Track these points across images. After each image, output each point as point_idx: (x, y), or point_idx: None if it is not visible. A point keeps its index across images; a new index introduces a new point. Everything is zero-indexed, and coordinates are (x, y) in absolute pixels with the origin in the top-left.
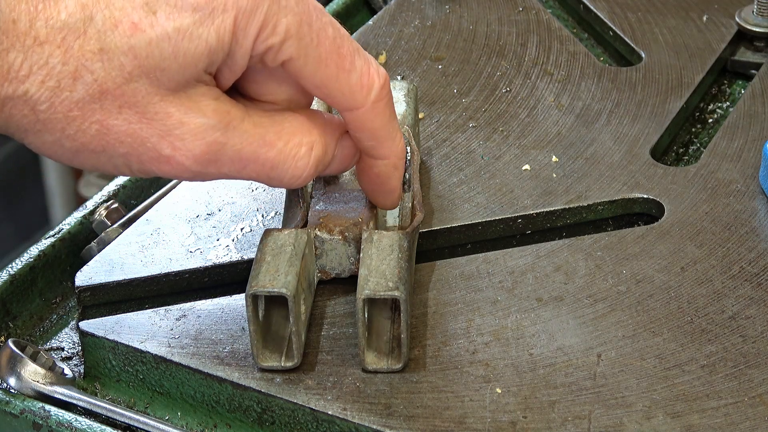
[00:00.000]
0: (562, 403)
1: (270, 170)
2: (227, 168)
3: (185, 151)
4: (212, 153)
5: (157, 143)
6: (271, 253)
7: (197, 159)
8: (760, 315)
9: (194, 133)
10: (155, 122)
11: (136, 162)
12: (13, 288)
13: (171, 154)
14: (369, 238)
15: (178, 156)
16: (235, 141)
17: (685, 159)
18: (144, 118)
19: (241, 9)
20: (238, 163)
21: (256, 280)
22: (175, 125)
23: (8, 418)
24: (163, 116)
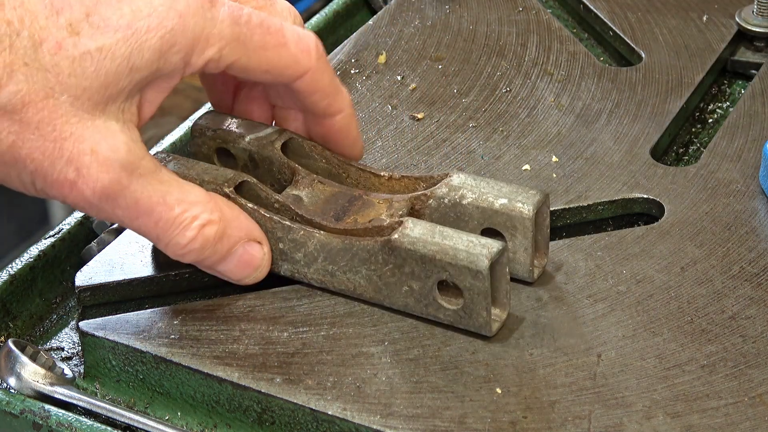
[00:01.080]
0: (562, 403)
1: (159, 231)
2: (121, 212)
3: (88, 180)
4: (112, 191)
5: (64, 166)
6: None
7: (96, 192)
8: (760, 315)
9: (101, 164)
10: (68, 143)
11: (41, 181)
12: (13, 288)
13: (74, 180)
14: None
15: (80, 183)
16: (136, 187)
17: (685, 159)
18: (59, 137)
19: (167, 29)
20: (133, 210)
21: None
22: (85, 151)
23: (8, 418)
24: (78, 139)
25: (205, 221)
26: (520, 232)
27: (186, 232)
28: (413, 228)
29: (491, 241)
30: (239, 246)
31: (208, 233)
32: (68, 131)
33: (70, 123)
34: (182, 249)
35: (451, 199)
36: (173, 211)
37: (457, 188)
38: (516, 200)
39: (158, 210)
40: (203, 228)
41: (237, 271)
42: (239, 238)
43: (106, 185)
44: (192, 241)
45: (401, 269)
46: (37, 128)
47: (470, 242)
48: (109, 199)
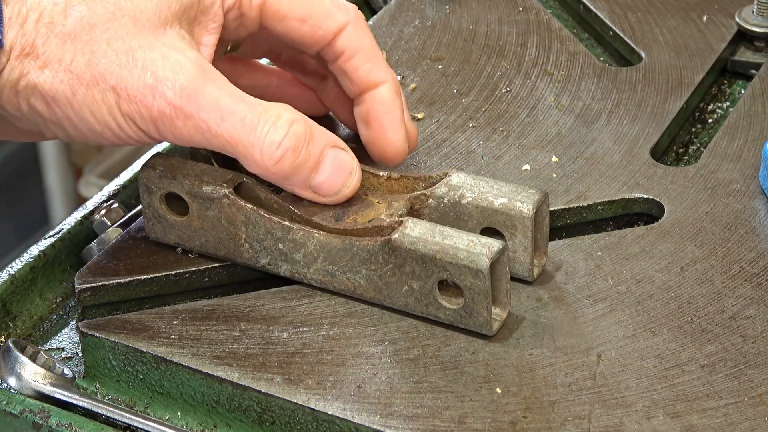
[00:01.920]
0: (562, 403)
1: (248, 130)
2: (206, 114)
3: (166, 82)
4: (193, 90)
5: (141, 73)
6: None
7: (177, 92)
8: (760, 315)
9: (175, 66)
10: (139, 53)
11: (124, 96)
12: (13, 288)
13: (154, 84)
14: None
15: (160, 87)
16: (215, 87)
17: (685, 159)
18: (130, 49)
19: None
20: (217, 111)
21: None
22: (156, 57)
23: (8, 418)
24: (148, 47)
25: (291, 119)
26: (520, 231)
27: (277, 128)
28: (413, 228)
29: (491, 241)
30: (329, 149)
31: (298, 130)
32: (137, 43)
33: (137, 38)
34: (278, 148)
35: (451, 198)
36: (257, 108)
37: (457, 188)
38: (515, 199)
39: (241, 108)
40: (292, 125)
41: (334, 179)
42: (327, 141)
43: (185, 84)
44: (286, 137)
45: (401, 269)
46: (107, 44)
47: (470, 242)
48: (191, 99)
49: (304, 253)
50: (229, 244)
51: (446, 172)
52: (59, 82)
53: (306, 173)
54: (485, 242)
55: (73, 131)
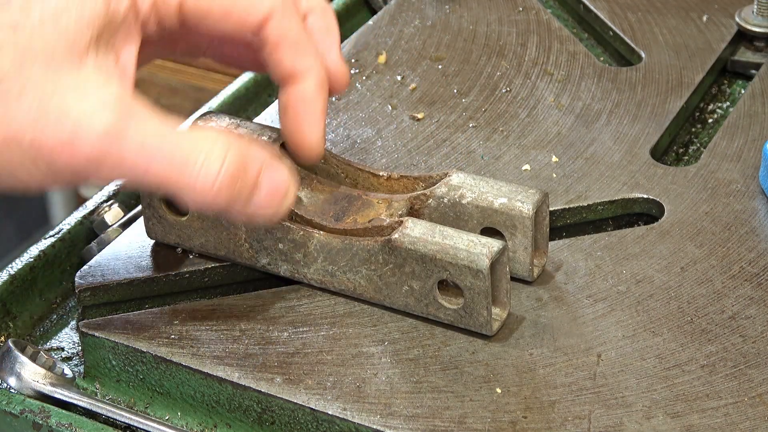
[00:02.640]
0: (562, 403)
1: (177, 173)
2: (132, 160)
3: (84, 133)
4: (113, 134)
5: (57, 124)
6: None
7: (96, 144)
8: (760, 315)
9: (93, 111)
10: (53, 102)
11: (42, 156)
12: (13, 288)
13: (71, 138)
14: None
15: (77, 141)
16: (139, 126)
17: (685, 159)
18: (43, 99)
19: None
20: (143, 154)
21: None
22: (73, 102)
23: (8, 418)
24: (63, 93)
25: (226, 146)
26: (520, 231)
27: (210, 162)
28: (413, 228)
29: (492, 241)
30: (264, 171)
31: (232, 158)
32: (50, 90)
33: (50, 84)
34: (213, 185)
35: (451, 198)
36: (185, 142)
37: (457, 188)
38: (515, 199)
39: (169, 146)
40: (227, 153)
41: (269, 202)
42: (261, 161)
43: (106, 129)
44: (220, 173)
45: (401, 269)
46: (18, 98)
47: (471, 242)
48: (114, 145)
49: (304, 253)
50: (229, 244)
51: (446, 172)
52: None
53: (241, 204)
54: (485, 242)
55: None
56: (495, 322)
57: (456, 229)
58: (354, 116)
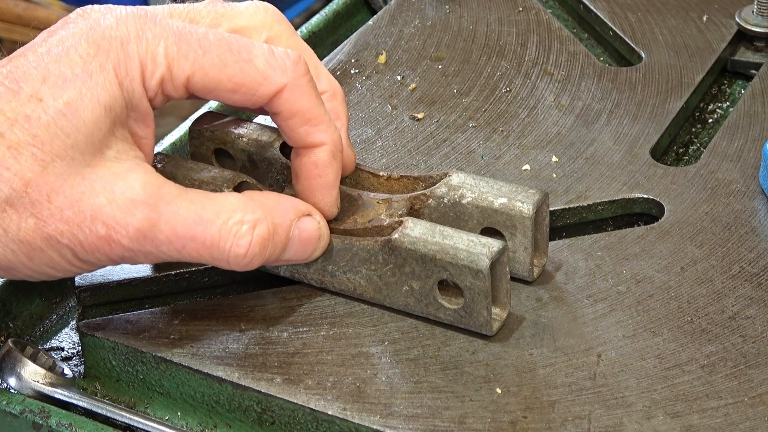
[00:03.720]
0: (562, 403)
1: (210, 249)
2: (165, 247)
3: (119, 229)
4: (146, 229)
5: (91, 225)
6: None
7: (132, 237)
8: (760, 315)
9: (124, 208)
10: (84, 203)
11: (80, 251)
12: (13, 288)
13: (106, 234)
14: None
15: (113, 235)
16: (169, 217)
17: (685, 159)
18: (73, 201)
19: (114, 60)
20: (176, 241)
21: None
22: (103, 203)
23: (8, 418)
24: (90, 194)
25: (252, 222)
26: (520, 231)
27: (240, 240)
28: (413, 228)
29: (492, 241)
30: (294, 229)
31: (261, 232)
32: (78, 192)
33: (77, 184)
34: (245, 259)
35: (451, 198)
36: (214, 225)
37: (457, 188)
38: (515, 199)
39: (200, 231)
40: (254, 230)
41: (302, 252)
42: (290, 220)
43: (138, 226)
44: (250, 247)
45: (401, 269)
46: (48, 202)
47: (471, 242)
48: (147, 238)
49: None
50: None
51: (446, 172)
52: (11, 253)
53: (275, 259)
54: (485, 242)
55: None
56: (495, 322)
57: (456, 229)
58: (354, 116)
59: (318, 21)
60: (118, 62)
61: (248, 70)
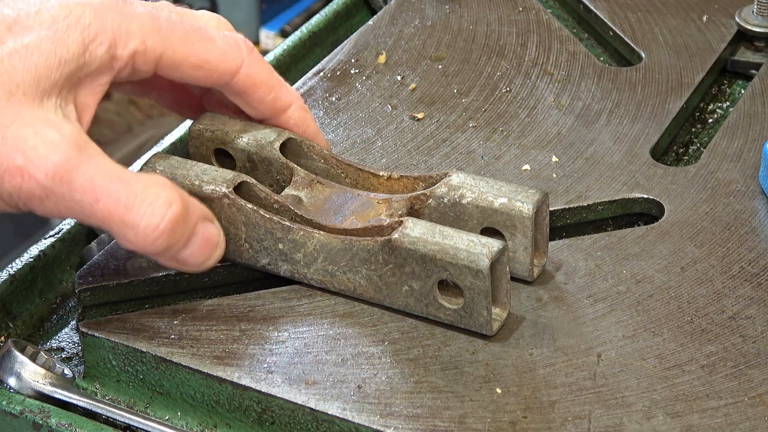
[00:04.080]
0: (562, 403)
1: (123, 211)
2: (79, 195)
3: (37, 162)
4: (65, 171)
5: (11, 152)
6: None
7: (48, 173)
8: (760, 315)
9: (48, 144)
10: (10, 130)
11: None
12: (13, 288)
13: (23, 165)
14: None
15: (30, 167)
16: (89, 166)
17: (685, 159)
18: (1, 126)
19: (86, 24)
20: (90, 192)
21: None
22: (29, 134)
23: (8, 418)
24: (20, 124)
25: (169, 199)
26: (520, 231)
27: (155, 210)
28: (413, 228)
29: (492, 241)
30: (199, 224)
31: (175, 211)
32: (9, 119)
33: (10, 113)
34: (155, 231)
35: (451, 198)
36: (133, 186)
37: (457, 188)
38: (516, 199)
39: (116, 188)
40: (170, 207)
41: (200, 253)
42: (198, 216)
43: (57, 164)
44: (164, 220)
45: (402, 269)
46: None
47: (471, 242)
48: (63, 180)
49: (304, 253)
50: (229, 244)
51: (446, 172)
52: None
53: (176, 250)
54: (485, 242)
55: None
56: (495, 322)
57: (456, 228)
58: (354, 116)
59: (318, 21)
60: (88, 28)
61: (210, 48)
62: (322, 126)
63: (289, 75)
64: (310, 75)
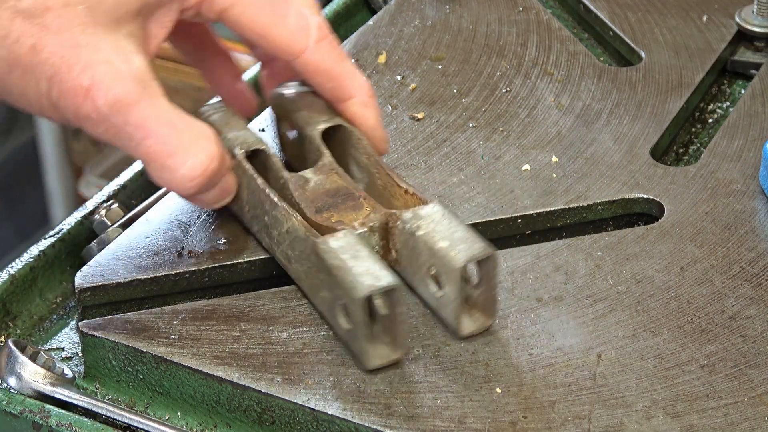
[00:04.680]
0: (562, 403)
1: (167, 155)
2: (131, 128)
3: (102, 88)
4: (124, 103)
5: (80, 72)
6: (350, 258)
7: (108, 101)
8: (760, 315)
9: (115, 74)
10: (85, 51)
11: (56, 89)
12: (13, 288)
13: (88, 87)
14: (416, 216)
15: (93, 91)
16: (146, 105)
17: (685, 159)
18: (77, 44)
19: None
20: (141, 130)
21: (360, 284)
22: (100, 60)
23: (8, 418)
24: (94, 48)
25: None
26: (450, 281)
27: (195, 160)
28: (341, 239)
29: (388, 275)
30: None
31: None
32: (85, 40)
33: (87, 33)
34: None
35: (410, 227)
36: (182, 135)
37: (419, 218)
38: (456, 247)
39: (165, 132)
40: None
41: (215, 199)
42: (226, 168)
43: (119, 95)
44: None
45: (318, 274)
46: (56, 33)
47: (369, 268)
48: (121, 112)
49: (279, 231)
50: (237, 201)
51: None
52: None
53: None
54: (381, 275)
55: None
56: (374, 359)
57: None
58: None
59: None
60: None
61: (278, 23)
62: None
63: None
64: None
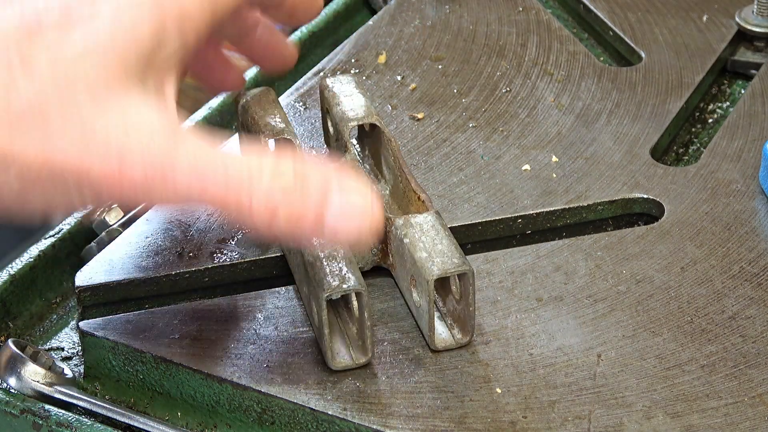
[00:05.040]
0: (562, 403)
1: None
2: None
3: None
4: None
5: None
6: (326, 258)
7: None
8: (760, 315)
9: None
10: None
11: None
12: (13, 288)
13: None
14: (407, 223)
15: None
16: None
17: (685, 159)
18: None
19: None
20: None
21: (327, 284)
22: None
23: (8, 418)
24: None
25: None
26: (423, 292)
27: (262, 175)
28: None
29: (354, 278)
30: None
31: (286, 169)
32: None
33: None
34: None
35: (400, 234)
36: (236, 158)
37: (409, 226)
38: (432, 260)
39: (220, 164)
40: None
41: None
42: (325, 175)
43: (157, 153)
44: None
45: (304, 267)
46: (63, 124)
47: (341, 268)
48: (165, 173)
49: None
50: None
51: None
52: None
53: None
54: (349, 276)
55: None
56: (339, 362)
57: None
58: None
59: (318, 21)
60: None
61: None
62: None
63: (289, 75)
64: (310, 75)
